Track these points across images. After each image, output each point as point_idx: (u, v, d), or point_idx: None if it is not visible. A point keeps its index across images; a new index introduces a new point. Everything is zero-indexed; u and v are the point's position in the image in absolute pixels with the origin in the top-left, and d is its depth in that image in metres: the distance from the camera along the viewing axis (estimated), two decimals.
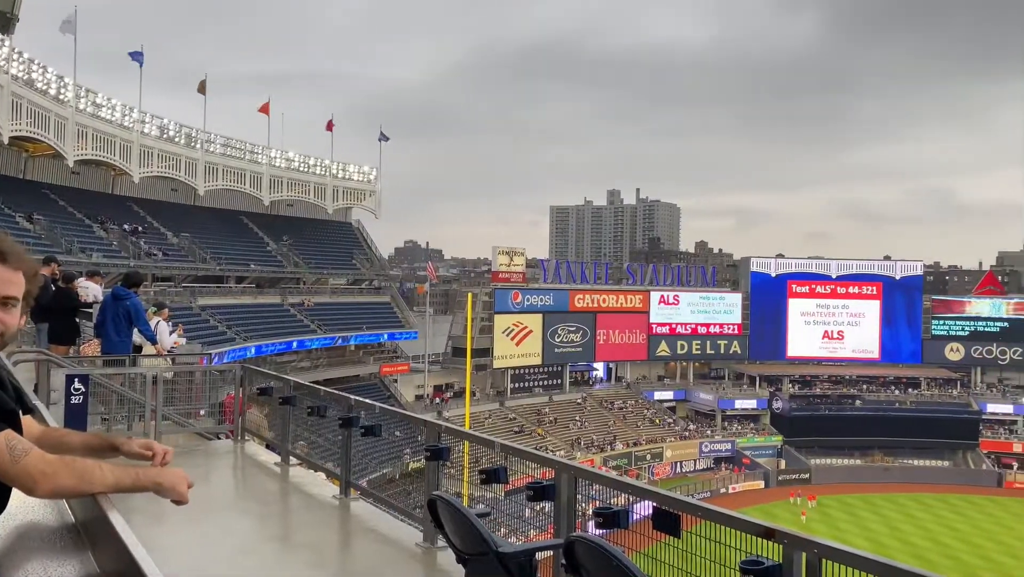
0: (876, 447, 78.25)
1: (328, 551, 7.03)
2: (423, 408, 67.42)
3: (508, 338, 76.37)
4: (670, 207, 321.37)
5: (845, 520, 62.52)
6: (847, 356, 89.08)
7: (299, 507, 8.36)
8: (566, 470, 5.63)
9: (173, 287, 55.60)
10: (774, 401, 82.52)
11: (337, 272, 74.30)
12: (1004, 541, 57.86)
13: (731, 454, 77.09)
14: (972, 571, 51.01)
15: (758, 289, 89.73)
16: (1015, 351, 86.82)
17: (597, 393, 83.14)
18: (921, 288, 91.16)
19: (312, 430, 10.14)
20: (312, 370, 60.96)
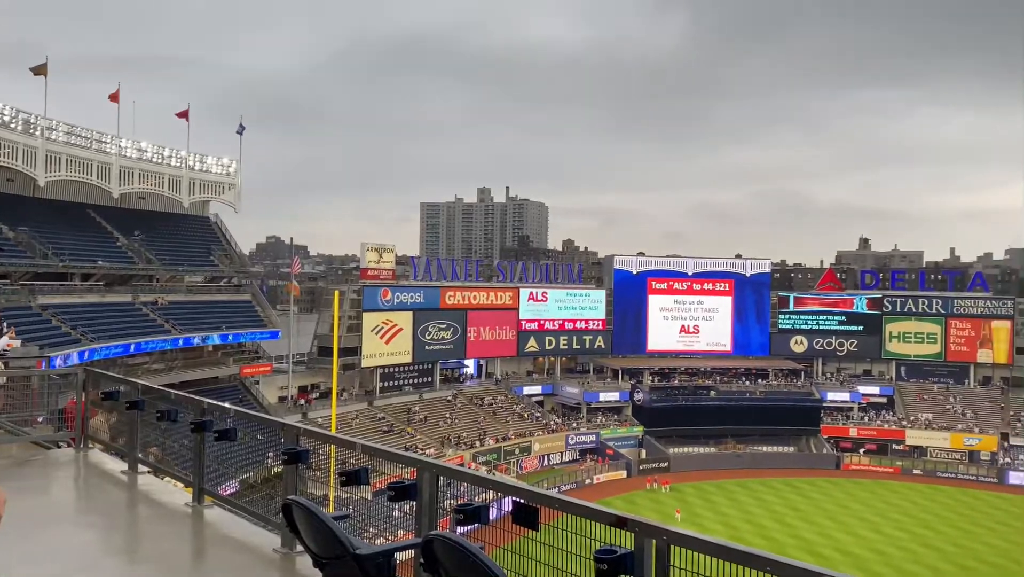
0: (729, 435, 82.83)
1: (178, 562, 6.70)
2: (287, 410, 65.46)
3: (377, 336, 75.39)
4: (539, 206, 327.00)
5: (701, 506, 65.77)
6: (702, 349, 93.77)
7: (147, 517, 7.92)
8: (428, 468, 5.63)
9: (9, 284, 51.28)
10: (635, 393, 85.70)
11: (194, 269, 70.81)
12: (842, 519, 62.68)
13: (596, 445, 79.43)
14: (814, 548, 54.91)
15: (621, 286, 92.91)
16: (851, 343, 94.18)
17: (468, 390, 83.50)
18: (769, 285, 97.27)
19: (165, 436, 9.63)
20: (166, 373, 57.86)
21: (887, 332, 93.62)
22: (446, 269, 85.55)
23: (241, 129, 73.50)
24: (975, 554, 54.74)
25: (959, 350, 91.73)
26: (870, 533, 58.96)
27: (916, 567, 51.84)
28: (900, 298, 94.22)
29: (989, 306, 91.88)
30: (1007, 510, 66.56)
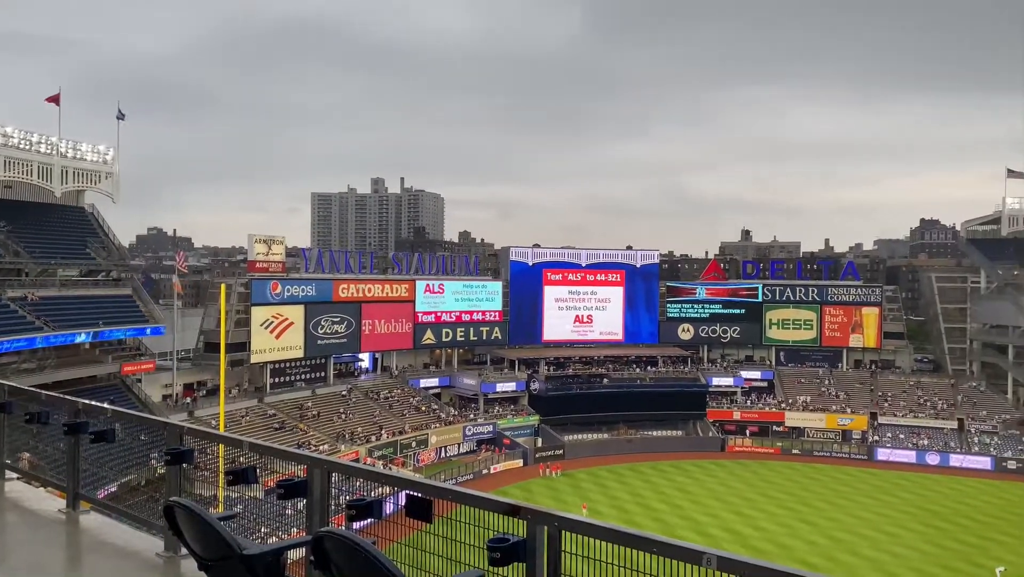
0: (621, 421, 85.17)
1: (53, 571, 6.34)
2: (172, 409, 62.81)
3: (267, 331, 73.28)
4: (435, 197, 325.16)
5: (595, 491, 67.36)
6: (596, 338, 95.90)
7: (16, 525, 7.44)
8: (318, 465, 5.54)
9: None
10: (532, 383, 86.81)
11: (67, 262, 66.69)
12: (727, 499, 65.56)
13: (493, 436, 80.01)
14: (702, 528, 57.23)
15: (517, 277, 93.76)
16: (735, 330, 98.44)
17: (363, 384, 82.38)
18: (658, 275, 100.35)
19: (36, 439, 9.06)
20: (38, 372, 54.38)
21: (767, 319, 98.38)
22: (339, 261, 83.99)
23: (121, 115, 69.65)
24: (847, 527, 58.42)
25: (833, 336, 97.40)
26: (752, 511, 61.95)
27: (794, 541, 54.84)
28: (779, 287, 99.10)
29: (860, 294, 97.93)
30: (875, 484, 71.33)
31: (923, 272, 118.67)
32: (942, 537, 56.33)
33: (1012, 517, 61.77)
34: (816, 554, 52.08)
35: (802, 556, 51.33)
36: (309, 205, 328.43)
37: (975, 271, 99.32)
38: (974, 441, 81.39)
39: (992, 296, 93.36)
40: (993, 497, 67.61)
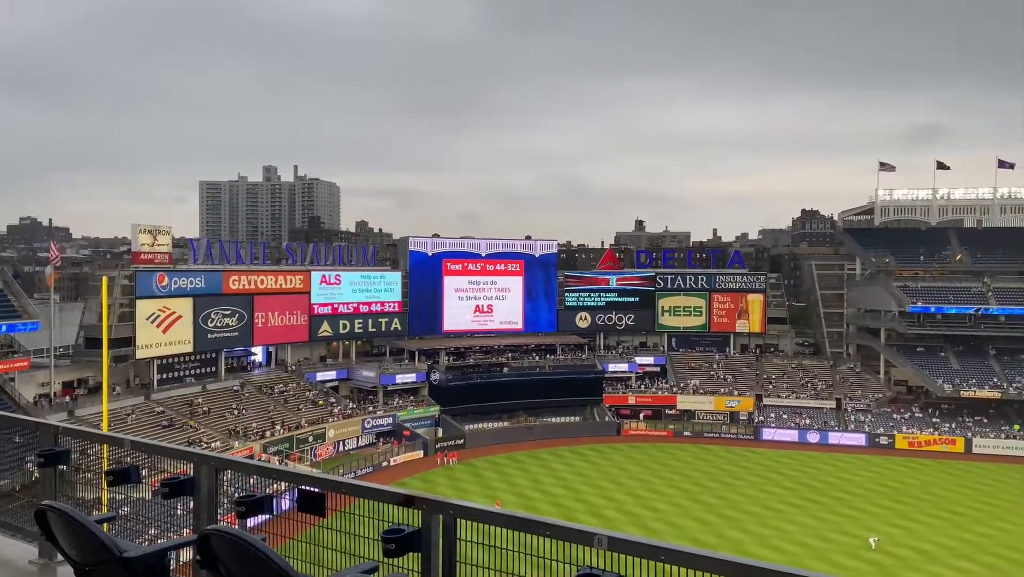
0: (521, 409, 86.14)
1: None
2: (50, 409, 59.30)
3: (153, 325, 70.11)
4: (330, 186, 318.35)
5: (495, 479, 67.92)
6: (496, 328, 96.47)
7: None
8: (205, 462, 5.37)
9: None
10: (432, 374, 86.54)
11: None
12: (622, 481, 67.39)
13: (393, 428, 79.38)
14: (599, 510, 58.63)
15: (416, 267, 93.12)
16: (629, 317, 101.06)
17: (256, 378, 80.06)
18: (556, 265, 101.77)
19: None
20: None
21: (660, 307, 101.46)
22: (229, 252, 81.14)
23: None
24: (735, 504, 61.10)
25: (721, 321, 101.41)
26: (647, 493, 63.93)
27: (685, 520, 56.95)
28: (671, 275, 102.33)
29: (745, 281, 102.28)
30: (761, 463, 74.87)
31: (804, 260, 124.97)
32: (821, 510, 59.72)
33: (883, 489, 66.14)
34: (706, 532, 54.26)
35: (693, 534, 53.38)
36: (197, 194, 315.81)
37: (851, 259, 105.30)
38: (850, 419, 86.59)
39: (866, 282, 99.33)
40: (867, 471, 72.17)
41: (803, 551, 50.51)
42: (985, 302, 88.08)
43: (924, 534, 54.23)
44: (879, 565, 48.15)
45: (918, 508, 60.42)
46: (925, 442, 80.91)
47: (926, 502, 62.11)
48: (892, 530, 54.74)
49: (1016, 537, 53.58)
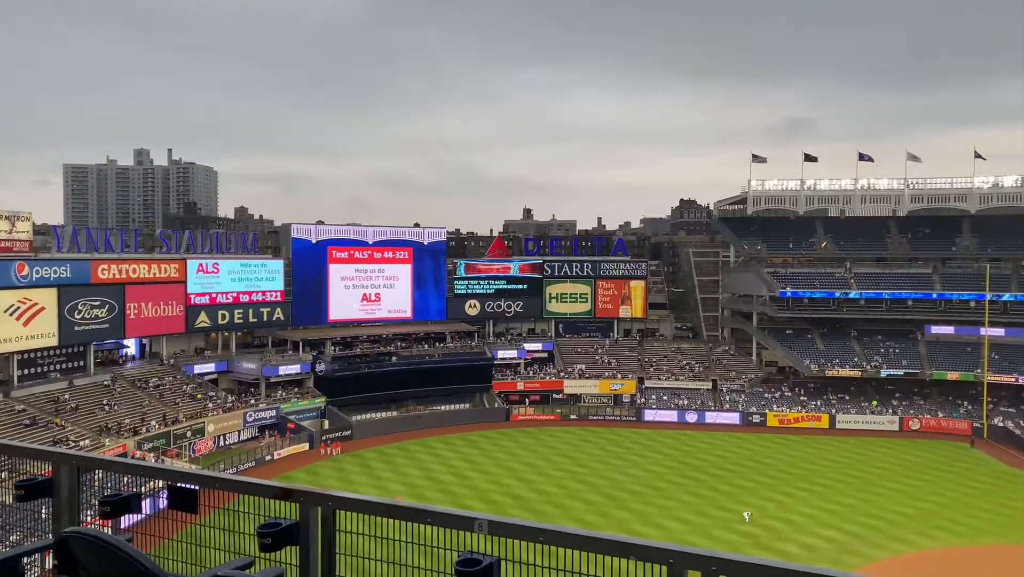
0: (410, 398, 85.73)
1: None
2: None
3: (12, 318, 65.34)
4: (207, 170, 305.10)
5: (384, 469, 67.35)
6: (384, 317, 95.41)
7: None
8: (66, 461, 5.08)
9: None
10: (317, 364, 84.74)
11: None
12: (511, 466, 68.24)
13: (276, 421, 77.29)
14: (488, 496, 59.16)
15: (300, 255, 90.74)
16: (518, 304, 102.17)
17: (129, 372, 76.08)
18: (445, 252, 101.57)
19: None
20: None
21: (547, 294, 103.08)
22: (98, 239, 76.56)
23: None
24: (619, 484, 63.02)
25: (605, 307, 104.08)
26: (535, 476, 65.01)
27: (572, 501, 58.30)
28: (558, 263, 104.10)
29: (628, 268, 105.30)
30: (643, 443, 77.48)
31: (682, 248, 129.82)
32: (699, 487, 62.45)
33: (756, 465, 69.82)
34: (592, 512, 55.74)
35: (579, 515, 54.74)
36: (61, 178, 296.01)
37: (726, 246, 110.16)
38: (725, 399, 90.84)
39: (739, 269, 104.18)
40: (741, 448, 75.97)
41: (683, 527, 52.70)
42: (847, 287, 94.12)
43: (793, 506, 57.63)
44: (753, 537, 50.83)
45: (788, 482, 64.13)
46: (794, 419, 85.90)
47: (795, 476, 66.00)
48: (765, 503, 57.86)
49: (876, 506, 57.74)
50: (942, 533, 52.25)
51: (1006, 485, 64.01)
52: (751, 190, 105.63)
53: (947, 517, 55.35)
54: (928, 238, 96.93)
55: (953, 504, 58.24)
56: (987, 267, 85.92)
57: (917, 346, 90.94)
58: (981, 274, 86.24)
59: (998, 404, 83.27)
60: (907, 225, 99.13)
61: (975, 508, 57.29)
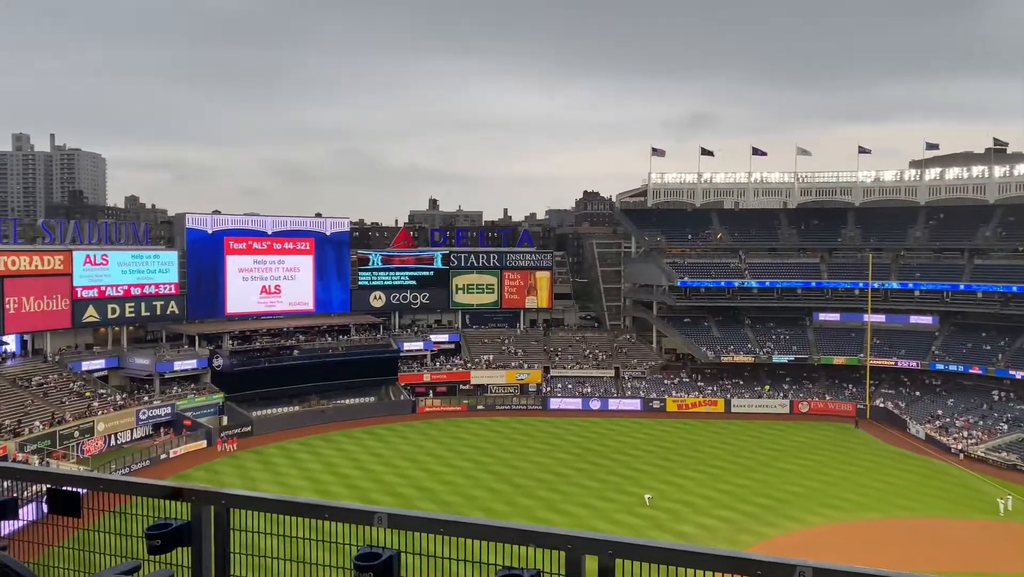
0: (313, 392, 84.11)
1: None
2: None
3: None
4: (94, 157, 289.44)
5: (286, 465, 65.84)
6: (285, 309, 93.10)
7: None
8: None
9: None
10: (215, 359, 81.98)
11: None
12: (417, 458, 67.94)
13: (172, 418, 74.41)
14: (394, 489, 58.72)
15: (195, 246, 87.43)
16: (424, 296, 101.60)
17: (9, 370, 71.61)
18: (349, 243, 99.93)
19: None
20: None
21: (454, 285, 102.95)
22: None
23: None
24: (525, 472, 63.71)
25: (512, 298, 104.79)
26: (442, 467, 64.96)
27: (479, 491, 58.57)
28: (464, 254, 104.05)
29: (534, 259, 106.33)
30: (549, 431, 78.55)
31: (586, 239, 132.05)
32: (602, 472, 63.84)
33: (657, 449, 71.89)
34: (499, 501, 56.16)
35: (486, 504, 55.07)
36: None
37: (627, 238, 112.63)
38: (627, 386, 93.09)
39: (640, 259, 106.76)
40: (642, 433, 78.05)
41: (587, 512, 53.77)
42: (741, 276, 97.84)
43: (691, 488, 59.67)
44: (653, 520, 52.36)
45: (686, 465, 66.33)
46: (691, 404, 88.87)
47: (693, 459, 68.32)
48: (664, 487, 59.67)
49: (768, 486, 60.42)
50: (828, 510, 55.19)
51: (886, 463, 68.15)
52: (651, 183, 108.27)
53: (833, 494, 58.49)
54: (816, 230, 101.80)
55: (839, 482, 61.58)
56: (869, 257, 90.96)
57: (806, 332, 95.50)
58: (864, 264, 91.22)
59: (879, 386, 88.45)
60: (797, 217, 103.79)
61: (858, 485, 60.76)
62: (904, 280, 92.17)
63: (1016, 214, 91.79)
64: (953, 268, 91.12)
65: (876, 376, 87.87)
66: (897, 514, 54.40)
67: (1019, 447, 70.46)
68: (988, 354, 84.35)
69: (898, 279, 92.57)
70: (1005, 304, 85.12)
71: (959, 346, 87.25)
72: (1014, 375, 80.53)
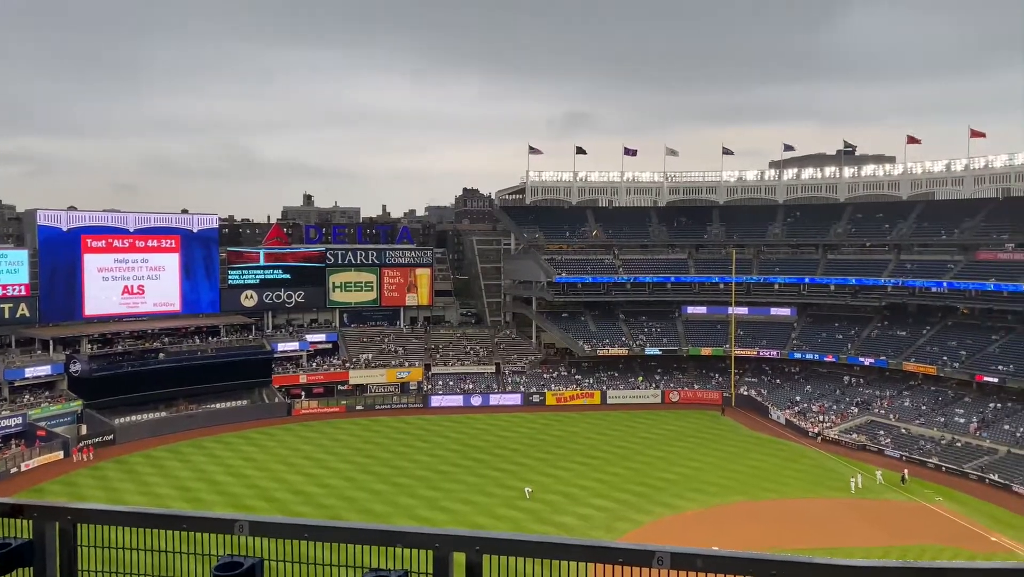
0: (181, 397, 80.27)
1: None
2: None
3: None
4: None
5: (152, 473, 62.60)
6: (149, 310, 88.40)
7: None
8: None
9: None
10: (72, 364, 76.80)
11: None
12: (294, 462, 66.16)
13: (23, 429, 69.17)
14: (269, 494, 56.97)
15: (48, 245, 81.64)
16: (299, 294, 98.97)
17: None
18: (217, 240, 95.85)
19: None
20: None
21: (331, 283, 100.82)
22: None
23: None
24: (406, 472, 63.27)
25: (391, 296, 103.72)
26: (319, 470, 63.54)
27: (358, 493, 57.69)
28: (341, 251, 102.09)
29: (414, 256, 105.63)
30: (430, 430, 78.33)
31: (466, 236, 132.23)
32: (483, 468, 64.28)
33: (537, 443, 73.06)
34: (379, 502, 55.53)
35: (366, 505, 54.35)
36: None
37: (507, 234, 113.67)
38: (508, 381, 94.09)
39: (520, 256, 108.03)
40: (522, 428, 79.10)
41: (469, 508, 54.01)
42: (615, 272, 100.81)
43: (569, 479, 61.02)
44: (533, 512, 53.21)
45: (565, 457, 67.76)
46: (570, 397, 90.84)
47: (571, 451, 69.87)
48: (544, 479, 60.73)
49: (642, 474, 62.61)
50: (698, 495, 57.81)
51: (750, 447, 72.04)
52: (529, 181, 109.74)
53: (702, 480, 61.30)
54: (684, 227, 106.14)
55: (707, 468, 64.60)
56: (733, 253, 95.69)
57: (676, 325, 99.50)
58: (728, 259, 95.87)
59: (743, 375, 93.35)
60: (666, 215, 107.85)
61: (725, 470, 63.95)
62: (765, 274, 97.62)
63: (864, 211, 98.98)
64: (808, 262, 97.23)
65: (740, 365, 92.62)
66: (761, 496, 57.63)
67: (868, 429, 76.16)
68: (840, 343, 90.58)
69: (759, 273, 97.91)
70: (854, 296, 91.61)
71: (815, 336, 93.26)
72: (863, 361, 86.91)
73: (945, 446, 69.44)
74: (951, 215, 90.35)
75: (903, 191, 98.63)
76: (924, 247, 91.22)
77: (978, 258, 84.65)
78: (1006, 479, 61.04)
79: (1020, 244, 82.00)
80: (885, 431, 74.62)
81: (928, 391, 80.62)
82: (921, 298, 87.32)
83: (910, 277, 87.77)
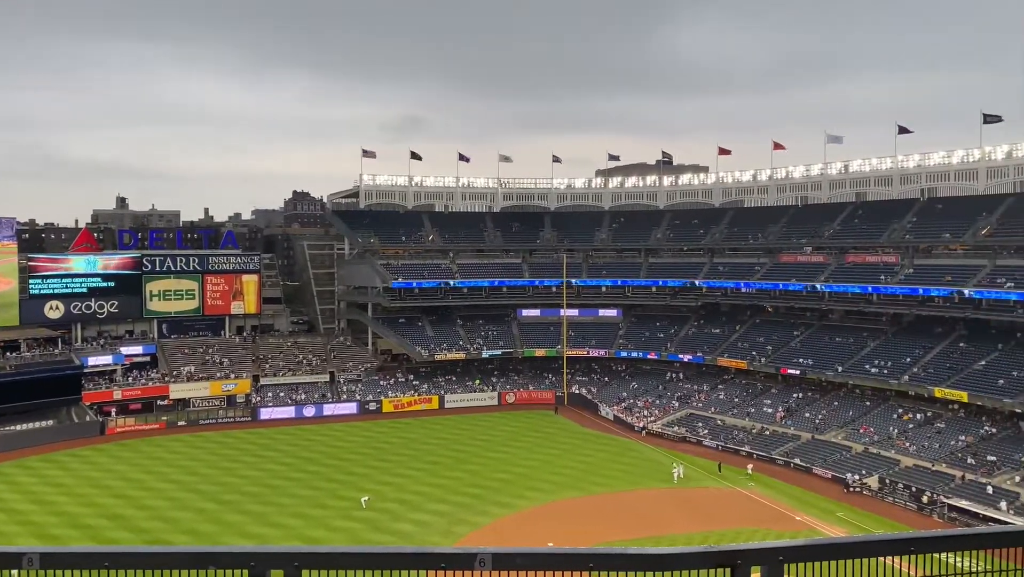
0: None
1: None
2: None
3: None
4: None
5: None
6: None
7: None
8: None
9: None
10: None
11: None
12: (107, 484, 61.33)
13: None
14: (79, 520, 52.49)
15: None
16: (112, 304, 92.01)
17: None
18: (16, 247, 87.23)
19: None
20: None
21: (148, 291, 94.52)
22: None
23: None
24: (234, 488, 60.34)
25: (215, 304, 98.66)
26: (137, 492, 59.29)
27: (182, 513, 54.36)
28: (159, 257, 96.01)
29: (239, 262, 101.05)
30: (260, 443, 75.19)
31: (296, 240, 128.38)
32: (318, 480, 62.51)
33: (373, 451, 72.02)
34: (204, 520, 52.64)
35: (190, 525, 51.35)
36: None
37: (340, 239, 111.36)
38: (343, 390, 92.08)
39: (354, 261, 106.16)
40: (358, 437, 77.71)
41: (302, 522, 52.33)
42: (452, 276, 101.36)
43: (407, 486, 60.62)
44: (370, 522, 52.38)
45: (402, 463, 67.26)
46: (407, 403, 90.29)
47: (408, 457, 69.45)
48: (381, 487, 59.94)
49: (479, 476, 63.27)
50: (533, 493, 59.23)
51: (582, 444, 74.71)
52: (363, 184, 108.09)
53: (537, 478, 62.88)
54: (518, 232, 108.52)
55: (541, 465, 66.33)
56: (564, 257, 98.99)
57: (511, 328, 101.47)
58: (560, 263, 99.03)
59: (575, 374, 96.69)
60: (501, 220, 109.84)
61: (558, 466, 65.96)
62: (593, 278, 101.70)
63: (681, 218, 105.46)
64: (632, 266, 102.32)
65: (572, 365, 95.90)
66: (592, 490, 59.93)
67: (687, 421, 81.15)
68: (661, 341, 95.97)
69: (588, 277, 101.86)
70: (673, 297, 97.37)
71: (639, 335, 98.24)
72: (682, 358, 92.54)
73: (755, 435, 75.26)
74: (758, 221, 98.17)
75: (716, 199, 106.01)
76: (734, 251, 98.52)
77: (781, 260, 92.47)
78: (808, 463, 67.06)
79: (817, 247, 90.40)
80: (703, 423, 79.81)
81: (740, 384, 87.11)
82: (733, 298, 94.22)
83: (722, 279, 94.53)
